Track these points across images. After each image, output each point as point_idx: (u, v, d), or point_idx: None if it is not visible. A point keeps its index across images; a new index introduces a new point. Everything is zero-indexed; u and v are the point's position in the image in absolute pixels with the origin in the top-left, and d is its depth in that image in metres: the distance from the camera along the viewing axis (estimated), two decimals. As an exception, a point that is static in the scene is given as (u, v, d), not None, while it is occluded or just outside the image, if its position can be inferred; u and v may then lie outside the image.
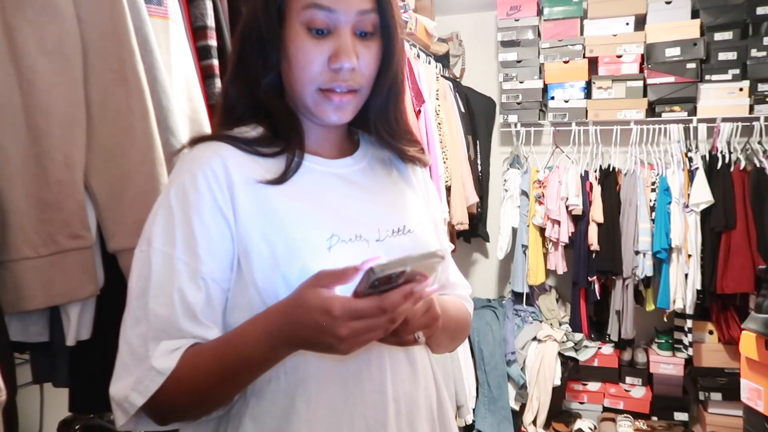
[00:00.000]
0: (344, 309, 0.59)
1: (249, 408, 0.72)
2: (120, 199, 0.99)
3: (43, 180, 0.92)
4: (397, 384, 0.76)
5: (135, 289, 0.71)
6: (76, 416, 1.29)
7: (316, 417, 0.71)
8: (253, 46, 0.76)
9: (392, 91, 0.81)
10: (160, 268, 0.69)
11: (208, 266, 0.70)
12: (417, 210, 0.87)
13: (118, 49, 0.98)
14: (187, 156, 0.76)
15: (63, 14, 0.93)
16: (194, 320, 0.69)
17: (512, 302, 3.21)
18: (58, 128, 0.93)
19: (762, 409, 1.88)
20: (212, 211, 0.71)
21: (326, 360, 0.71)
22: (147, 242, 0.71)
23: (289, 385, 0.71)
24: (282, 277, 0.69)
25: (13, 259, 0.90)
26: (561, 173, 2.95)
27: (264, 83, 0.77)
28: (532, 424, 2.92)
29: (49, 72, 0.92)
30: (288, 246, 0.70)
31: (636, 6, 2.91)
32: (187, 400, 0.69)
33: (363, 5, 0.72)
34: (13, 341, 0.93)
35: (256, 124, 0.79)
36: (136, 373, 0.67)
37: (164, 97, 1.06)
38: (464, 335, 0.93)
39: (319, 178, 0.79)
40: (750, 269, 2.58)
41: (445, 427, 0.84)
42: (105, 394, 0.69)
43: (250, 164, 0.74)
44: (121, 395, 0.68)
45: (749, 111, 2.74)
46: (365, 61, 0.74)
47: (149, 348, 0.67)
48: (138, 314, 0.69)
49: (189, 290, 0.69)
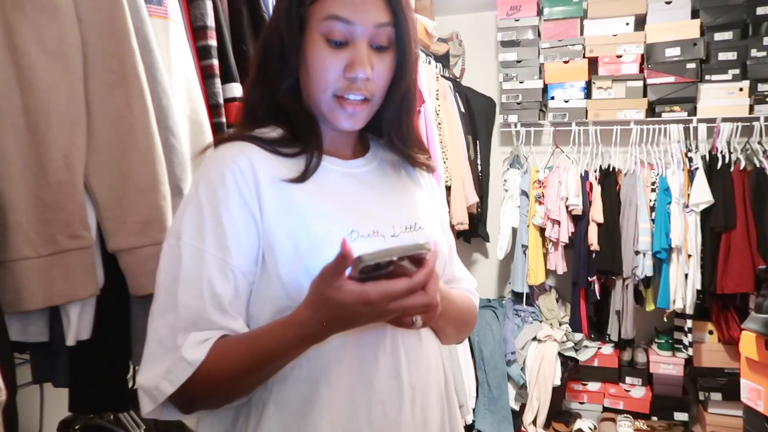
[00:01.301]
0: (381, 295, 0.64)
1: (272, 395, 0.75)
2: (120, 199, 0.99)
3: (43, 180, 0.92)
4: (411, 371, 0.80)
5: (164, 281, 0.74)
6: (76, 416, 1.29)
7: (337, 401, 0.74)
8: (275, 53, 0.80)
9: (405, 102, 0.85)
10: (189, 261, 0.72)
11: (236, 259, 0.73)
12: (426, 208, 0.91)
13: (118, 49, 0.97)
14: (215, 154, 0.79)
15: (63, 14, 0.93)
16: (222, 311, 0.72)
17: (512, 302, 3.21)
18: (58, 128, 0.93)
19: (762, 409, 1.88)
20: (240, 206, 0.74)
21: (345, 348, 0.75)
22: (176, 236, 0.74)
23: (311, 372, 0.75)
24: (305, 271, 0.73)
25: (13, 259, 0.90)
26: (561, 173, 2.95)
27: (284, 87, 0.81)
28: (532, 424, 2.92)
29: (49, 72, 0.92)
30: (311, 241, 0.74)
31: (636, 6, 2.91)
32: (215, 390, 0.72)
33: (380, 19, 0.76)
34: (13, 341, 0.93)
35: (275, 125, 0.83)
36: (166, 362, 0.71)
37: (164, 97, 1.06)
38: (471, 327, 0.97)
39: (336, 178, 0.83)
40: (750, 269, 2.58)
41: (452, 413, 0.88)
42: (105, 394, 0.69)
43: (273, 163, 0.78)
44: (151, 384, 0.71)
45: (749, 111, 2.74)
46: (379, 72, 0.79)
47: (177, 338, 0.71)
48: (166, 305, 0.72)
49: (218, 282, 0.72)
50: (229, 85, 1.28)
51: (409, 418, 0.79)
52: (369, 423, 0.76)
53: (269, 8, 1.47)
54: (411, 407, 0.79)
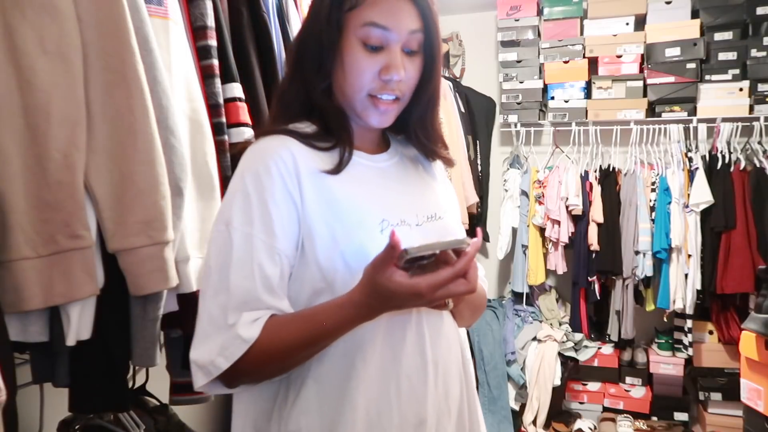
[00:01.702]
0: (429, 285, 0.72)
1: (311, 371, 0.82)
2: (120, 199, 0.99)
3: (43, 180, 0.92)
4: (434, 349, 0.87)
5: (215, 265, 0.80)
6: (76, 416, 1.29)
7: (371, 376, 0.82)
8: (312, 54, 0.87)
9: (431, 102, 0.93)
10: (240, 245, 0.79)
11: (281, 243, 0.80)
12: (444, 200, 1.01)
13: (118, 49, 0.97)
14: (259, 145, 0.86)
15: (63, 14, 0.93)
16: (271, 292, 0.79)
17: (512, 302, 3.21)
18: (58, 128, 0.92)
19: (762, 409, 1.88)
20: (283, 195, 0.81)
21: (378, 328, 0.82)
22: (225, 223, 0.81)
23: (348, 349, 0.82)
24: (341, 256, 0.80)
25: (12, 259, 0.90)
26: (561, 173, 2.95)
27: (320, 87, 0.88)
28: (532, 424, 2.92)
29: (48, 72, 0.92)
30: (346, 229, 0.82)
31: (636, 6, 2.91)
32: (265, 365, 0.79)
33: (412, 26, 0.84)
34: (13, 341, 0.92)
35: (308, 121, 0.90)
36: (219, 340, 0.77)
37: (164, 97, 1.05)
38: (481, 311, 1.04)
39: (365, 171, 0.90)
40: (750, 269, 2.58)
41: (470, 389, 0.96)
42: (105, 394, 0.69)
43: (310, 155, 0.85)
44: (206, 359, 0.78)
45: (749, 111, 2.74)
46: (409, 74, 0.86)
47: (228, 317, 0.77)
48: (219, 286, 0.79)
49: (267, 265, 0.79)
50: (229, 85, 1.28)
51: (433, 391, 0.86)
52: (398, 394, 0.83)
53: (269, 8, 1.47)
54: (434, 381, 0.87)
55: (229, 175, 1.25)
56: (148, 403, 1.49)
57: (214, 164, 1.19)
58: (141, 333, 1.04)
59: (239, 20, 1.37)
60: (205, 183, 1.17)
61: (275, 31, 1.48)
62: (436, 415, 0.87)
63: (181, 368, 1.25)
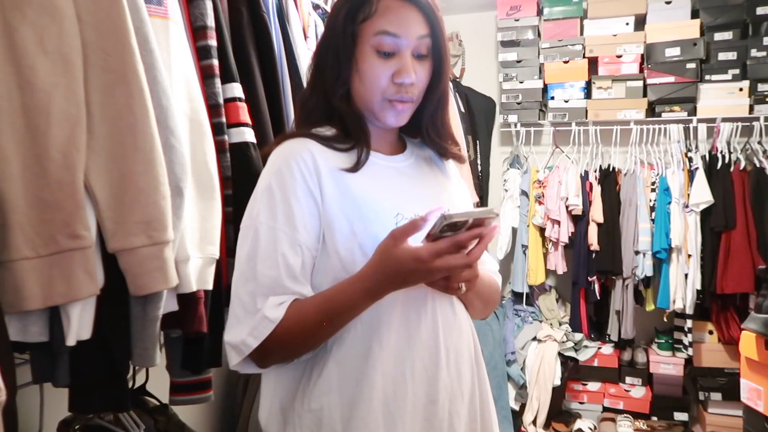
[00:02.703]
0: (429, 252, 0.78)
1: (331, 354, 0.90)
2: (120, 199, 0.99)
3: (43, 180, 0.92)
4: (446, 335, 0.94)
5: (244, 255, 0.89)
6: (76, 416, 1.29)
7: (387, 358, 0.89)
8: (330, 65, 0.94)
9: (441, 101, 1.00)
10: (266, 238, 0.88)
11: (303, 236, 0.88)
12: (457, 198, 1.07)
13: (118, 49, 0.97)
14: (282, 148, 0.94)
15: (63, 14, 0.93)
16: (294, 279, 0.88)
17: (512, 302, 3.21)
18: (58, 128, 0.92)
19: (762, 409, 1.88)
20: (304, 192, 0.89)
21: (394, 314, 0.89)
22: (252, 218, 0.90)
23: (365, 332, 0.89)
24: (359, 247, 0.88)
25: (12, 259, 0.90)
26: (561, 173, 2.96)
27: (338, 93, 0.94)
28: (532, 424, 2.92)
29: (48, 72, 0.92)
30: (363, 222, 0.89)
31: (636, 6, 2.92)
32: (291, 343, 0.87)
33: (420, 32, 0.91)
34: (13, 341, 0.92)
35: (329, 126, 0.97)
36: (249, 322, 0.86)
37: (164, 97, 1.05)
38: (495, 304, 1.09)
39: (382, 170, 0.97)
40: (750, 269, 2.58)
41: (481, 375, 1.01)
42: (105, 394, 0.69)
43: (330, 156, 0.92)
44: (238, 339, 0.86)
45: (749, 111, 2.74)
46: (420, 77, 0.93)
47: (257, 302, 0.86)
48: (248, 275, 0.88)
49: (290, 255, 0.87)
50: (229, 85, 1.28)
51: (445, 373, 0.92)
52: (412, 375, 0.90)
53: (269, 8, 1.47)
54: (446, 365, 0.93)
55: (229, 175, 1.25)
56: (148, 403, 1.49)
57: (214, 164, 1.19)
58: (141, 333, 1.04)
59: (239, 20, 1.37)
60: (205, 183, 1.17)
61: (275, 31, 1.48)
62: (448, 397, 0.93)
63: (181, 368, 1.25)
